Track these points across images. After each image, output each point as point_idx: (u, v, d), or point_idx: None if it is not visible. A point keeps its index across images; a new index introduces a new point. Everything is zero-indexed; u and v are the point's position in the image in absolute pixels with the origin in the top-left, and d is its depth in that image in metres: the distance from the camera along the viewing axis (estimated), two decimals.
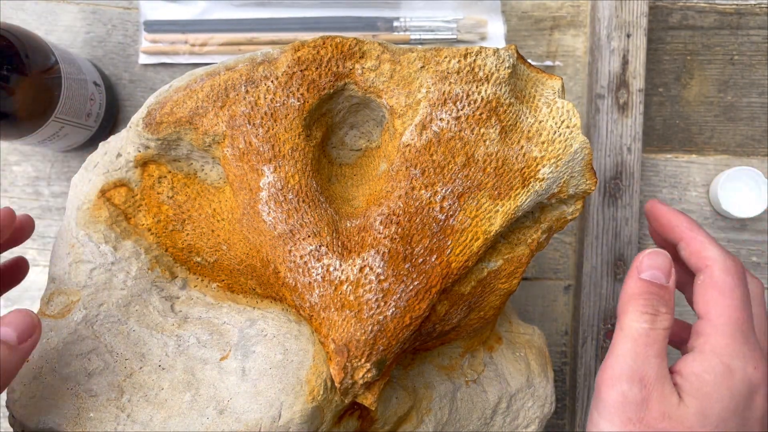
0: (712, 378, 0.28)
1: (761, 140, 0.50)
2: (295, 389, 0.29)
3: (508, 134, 0.30)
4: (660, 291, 0.30)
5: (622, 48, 0.48)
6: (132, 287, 0.32)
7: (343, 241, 0.29)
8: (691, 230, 0.33)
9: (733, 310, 0.29)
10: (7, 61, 0.36)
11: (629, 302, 0.30)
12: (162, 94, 0.31)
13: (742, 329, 0.29)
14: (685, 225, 0.33)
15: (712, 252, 0.31)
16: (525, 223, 0.33)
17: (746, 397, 0.28)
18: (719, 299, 0.30)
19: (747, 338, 0.29)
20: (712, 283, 0.30)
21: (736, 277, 0.30)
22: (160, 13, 0.49)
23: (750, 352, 0.29)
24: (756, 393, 0.28)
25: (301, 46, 0.30)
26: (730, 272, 0.30)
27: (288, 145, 0.30)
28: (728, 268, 0.31)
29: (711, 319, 0.30)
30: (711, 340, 0.29)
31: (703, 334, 0.30)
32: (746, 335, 0.29)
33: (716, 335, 0.29)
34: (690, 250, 0.33)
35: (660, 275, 0.31)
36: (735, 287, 0.30)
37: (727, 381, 0.28)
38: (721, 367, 0.28)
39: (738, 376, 0.28)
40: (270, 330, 0.31)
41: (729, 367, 0.28)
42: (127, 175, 0.33)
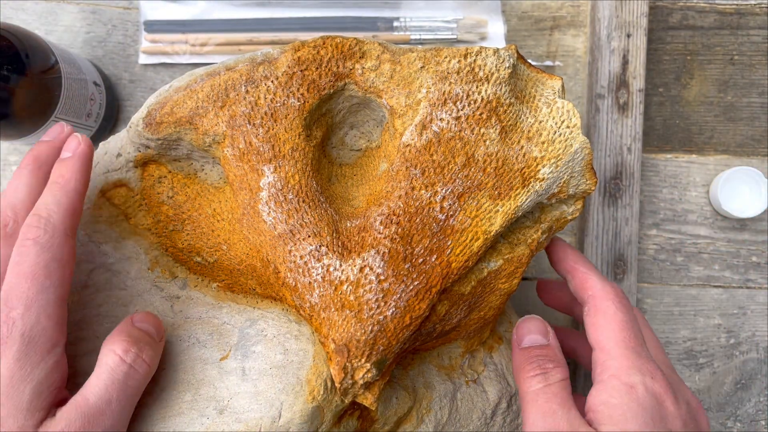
0: (619, 401, 0.28)
1: (761, 140, 0.50)
2: (295, 389, 0.29)
3: (508, 134, 0.30)
4: (542, 351, 0.31)
5: (622, 48, 0.48)
6: (132, 287, 0.32)
7: (343, 241, 0.29)
8: (575, 263, 0.34)
9: (619, 332, 0.30)
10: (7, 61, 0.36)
11: (520, 373, 0.31)
12: (162, 94, 0.31)
13: (631, 346, 0.30)
14: (570, 258, 0.35)
15: (593, 282, 0.33)
16: (525, 223, 0.33)
17: (656, 407, 0.29)
18: (605, 325, 0.31)
19: (638, 354, 0.30)
20: (595, 311, 0.32)
21: (616, 300, 0.31)
22: (160, 13, 0.48)
23: (644, 365, 0.29)
24: (664, 400, 0.29)
25: (301, 46, 0.30)
26: (610, 298, 0.32)
27: (288, 145, 0.30)
28: (608, 294, 0.32)
29: (602, 346, 0.30)
30: (607, 365, 0.30)
31: (599, 362, 0.30)
32: (637, 351, 0.30)
33: (610, 360, 0.30)
34: (575, 282, 0.34)
35: (537, 338, 0.32)
36: (617, 310, 0.31)
37: (633, 398, 0.28)
38: (623, 388, 0.29)
39: (641, 390, 0.29)
40: (270, 330, 0.31)
41: (630, 385, 0.29)
42: (127, 175, 0.33)
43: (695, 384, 0.49)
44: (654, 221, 0.50)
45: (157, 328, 0.30)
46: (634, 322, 0.31)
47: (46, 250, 0.27)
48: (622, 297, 0.32)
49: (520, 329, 0.33)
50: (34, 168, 0.30)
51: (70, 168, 0.29)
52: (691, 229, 0.50)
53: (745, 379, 0.49)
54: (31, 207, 0.28)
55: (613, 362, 0.30)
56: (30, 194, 0.29)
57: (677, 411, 0.29)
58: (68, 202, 0.28)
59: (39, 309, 0.26)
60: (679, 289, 0.50)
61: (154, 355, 0.29)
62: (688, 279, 0.50)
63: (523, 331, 0.32)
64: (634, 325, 0.31)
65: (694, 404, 0.31)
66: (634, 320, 0.31)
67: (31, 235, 0.27)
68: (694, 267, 0.50)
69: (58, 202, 0.28)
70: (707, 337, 0.49)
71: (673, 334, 0.49)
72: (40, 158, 0.30)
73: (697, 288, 0.50)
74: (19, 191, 0.29)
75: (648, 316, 0.49)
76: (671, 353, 0.49)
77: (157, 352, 0.29)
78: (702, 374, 0.49)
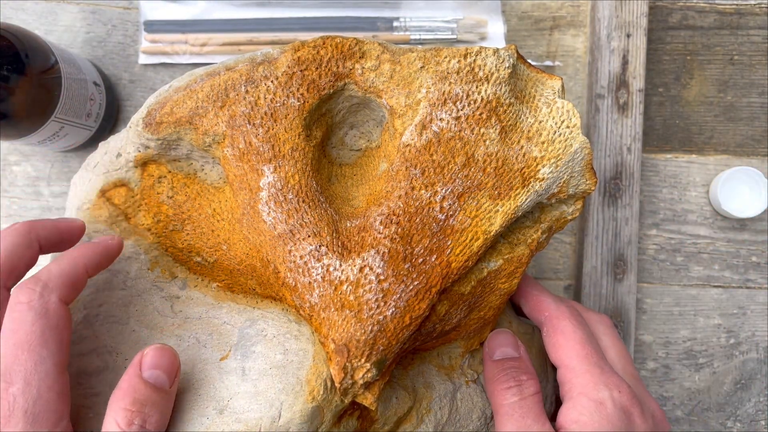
0: (588, 417, 0.29)
1: (761, 140, 0.50)
2: (295, 389, 0.29)
3: (508, 134, 0.30)
4: (515, 362, 0.32)
5: (622, 48, 0.48)
6: (132, 287, 0.32)
7: (343, 241, 0.29)
8: (527, 286, 0.35)
9: (580, 349, 0.31)
10: (7, 61, 0.36)
11: (493, 385, 0.31)
12: (162, 94, 0.31)
13: (594, 362, 0.31)
14: (522, 283, 0.35)
15: (546, 303, 0.33)
16: (525, 223, 0.33)
17: (626, 420, 0.29)
18: (565, 344, 0.31)
19: (602, 368, 0.30)
20: (554, 331, 0.32)
21: (572, 319, 0.32)
22: (160, 13, 0.49)
23: (609, 379, 0.30)
24: (632, 413, 0.30)
25: (301, 46, 0.30)
26: (566, 317, 0.32)
27: (288, 145, 0.30)
28: (563, 314, 0.32)
29: (566, 364, 0.31)
30: (574, 383, 0.30)
31: (565, 381, 0.31)
32: (600, 365, 0.31)
33: (575, 377, 0.30)
34: (529, 306, 0.35)
35: (509, 350, 0.32)
36: (575, 328, 0.32)
37: (602, 414, 0.29)
38: (592, 405, 0.29)
39: (609, 405, 0.29)
40: (270, 330, 0.31)
41: (599, 401, 0.29)
42: (127, 175, 0.33)
43: (695, 384, 0.49)
44: (654, 221, 0.50)
45: (169, 370, 0.28)
46: (592, 338, 0.32)
47: (41, 317, 0.25)
48: (577, 314, 0.33)
49: (491, 342, 0.33)
50: (23, 231, 0.28)
51: (89, 248, 0.29)
52: (691, 229, 0.50)
53: (745, 379, 0.49)
54: (9, 267, 0.27)
55: (579, 379, 0.30)
56: (8, 253, 0.27)
57: (644, 423, 0.30)
58: (72, 273, 0.27)
59: (39, 382, 0.25)
60: (679, 289, 0.50)
61: (163, 415, 0.27)
62: (688, 279, 0.50)
63: (495, 343, 0.33)
64: (592, 339, 0.32)
65: (658, 415, 0.32)
66: (591, 336, 0.32)
67: (24, 298, 0.25)
68: (694, 267, 0.50)
69: (61, 270, 0.27)
70: (707, 337, 0.49)
71: (673, 334, 0.49)
72: (35, 226, 0.28)
73: (697, 288, 0.50)
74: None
75: (648, 316, 0.49)
76: (671, 353, 0.49)
77: (168, 405, 0.28)
78: (702, 374, 0.49)
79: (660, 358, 0.49)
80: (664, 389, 0.49)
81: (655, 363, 0.49)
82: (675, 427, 0.49)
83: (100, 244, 0.29)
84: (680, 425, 0.49)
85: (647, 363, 0.49)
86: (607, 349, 0.33)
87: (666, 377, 0.49)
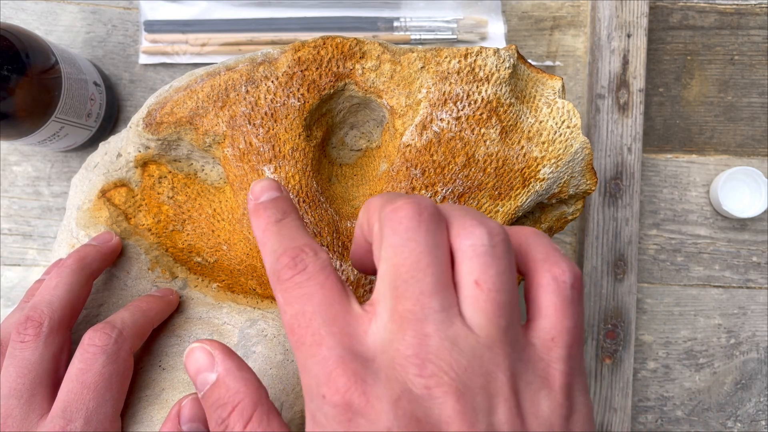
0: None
1: (761, 140, 0.50)
2: (295, 389, 0.29)
3: (509, 134, 0.30)
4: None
5: (623, 48, 0.48)
6: (132, 287, 0.32)
7: (343, 241, 0.29)
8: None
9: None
10: (7, 61, 0.36)
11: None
12: (162, 94, 0.31)
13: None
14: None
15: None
16: (525, 223, 0.33)
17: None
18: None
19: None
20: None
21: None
22: (160, 13, 0.48)
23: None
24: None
25: (301, 47, 0.30)
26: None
27: (288, 146, 0.30)
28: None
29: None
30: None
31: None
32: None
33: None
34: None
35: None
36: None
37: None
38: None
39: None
40: (270, 330, 0.31)
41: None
42: (128, 175, 0.32)
43: (695, 384, 0.49)
44: (654, 221, 0.50)
45: (206, 422, 0.26)
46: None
47: (112, 362, 0.26)
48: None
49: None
50: (76, 268, 0.29)
51: (157, 304, 0.30)
52: (691, 229, 0.50)
53: (746, 379, 0.49)
54: (69, 307, 0.28)
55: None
56: (69, 293, 0.28)
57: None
58: (144, 324, 0.29)
59: (98, 424, 0.25)
60: (679, 289, 0.50)
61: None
62: (688, 279, 0.50)
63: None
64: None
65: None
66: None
67: (100, 342, 0.26)
68: (694, 267, 0.50)
69: (135, 321, 0.28)
70: (707, 337, 0.49)
71: (673, 334, 0.49)
72: (84, 260, 0.29)
73: (697, 288, 0.50)
74: (59, 289, 0.28)
75: (648, 316, 0.49)
76: (671, 353, 0.49)
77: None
78: (702, 374, 0.49)
79: (660, 358, 0.49)
80: (664, 389, 0.49)
81: (655, 363, 0.49)
82: (675, 428, 0.49)
83: (164, 299, 0.31)
84: (680, 425, 0.49)
85: (647, 363, 0.49)
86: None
87: (666, 377, 0.49)
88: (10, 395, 0.26)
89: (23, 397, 0.26)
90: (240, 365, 0.24)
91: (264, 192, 0.25)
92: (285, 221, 0.23)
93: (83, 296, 0.29)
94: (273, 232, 0.23)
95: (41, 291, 0.28)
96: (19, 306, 0.30)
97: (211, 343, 0.24)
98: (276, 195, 0.25)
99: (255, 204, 0.24)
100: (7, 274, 0.48)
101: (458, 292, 0.20)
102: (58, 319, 0.27)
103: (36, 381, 0.26)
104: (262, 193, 0.25)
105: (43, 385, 0.26)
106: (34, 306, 0.27)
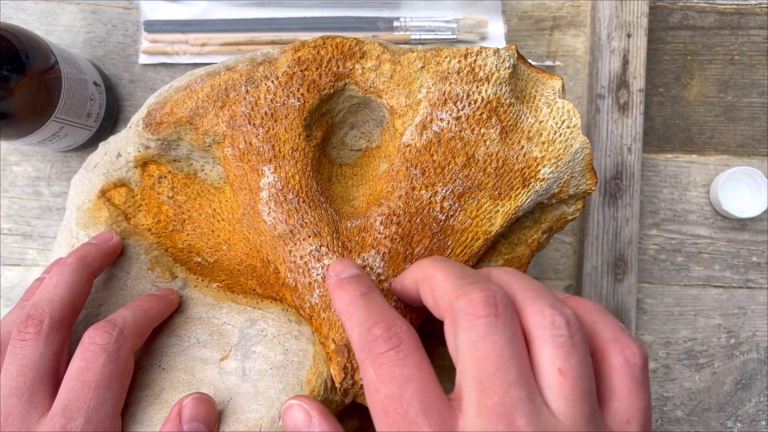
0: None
1: (761, 140, 0.50)
2: (295, 389, 0.29)
3: (509, 134, 0.30)
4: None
5: (623, 48, 0.48)
6: (132, 287, 0.32)
7: (343, 242, 0.29)
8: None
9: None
10: (7, 61, 0.36)
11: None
12: (162, 94, 0.31)
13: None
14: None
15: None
16: (525, 223, 0.33)
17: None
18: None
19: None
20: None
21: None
22: (160, 13, 0.48)
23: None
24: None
25: (301, 47, 0.30)
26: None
27: (288, 145, 0.30)
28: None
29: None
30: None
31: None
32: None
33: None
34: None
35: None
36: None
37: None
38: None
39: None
40: (270, 330, 0.31)
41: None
42: (127, 175, 0.32)
43: (696, 384, 0.49)
44: (654, 221, 0.50)
45: (208, 421, 0.27)
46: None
47: (113, 361, 0.26)
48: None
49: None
50: (77, 267, 0.29)
51: (158, 304, 0.30)
52: (691, 229, 0.50)
53: (746, 379, 0.49)
54: (70, 306, 0.28)
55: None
56: (70, 292, 0.28)
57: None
58: (145, 324, 0.28)
59: (98, 423, 0.25)
60: (679, 289, 0.50)
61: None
62: (688, 279, 0.50)
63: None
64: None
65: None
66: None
67: (101, 340, 0.26)
68: (694, 267, 0.50)
69: (136, 320, 0.28)
70: (707, 337, 0.49)
71: (673, 334, 0.49)
72: (85, 259, 0.29)
73: (697, 288, 0.50)
74: (60, 287, 0.28)
75: (648, 316, 0.49)
76: (671, 353, 0.49)
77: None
78: (702, 374, 0.49)
79: (660, 358, 0.49)
80: (664, 389, 0.49)
81: (655, 363, 0.49)
82: (675, 427, 0.49)
83: (165, 298, 0.31)
84: (680, 425, 0.49)
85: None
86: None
87: (666, 377, 0.49)
88: (10, 394, 0.26)
89: (24, 395, 0.26)
90: (335, 428, 0.25)
91: (346, 269, 0.27)
92: (371, 295, 0.25)
93: (84, 295, 0.29)
94: (360, 305, 0.24)
95: (42, 289, 0.28)
96: (19, 304, 0.30)
97: (310, 402, 0.25)
98: (358, 272, 0.26)
99: (337, 279, 0.26)
100: (7, 274, 0.48)
101: (539, 378, 0.20)
102: (58, 318, 0.27)
103: (36, 380, 0.26)
104: (343, 269, 0.26)
105: (44, 384, 0.26)
106: (35, 304, 0.27)
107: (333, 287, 0.26)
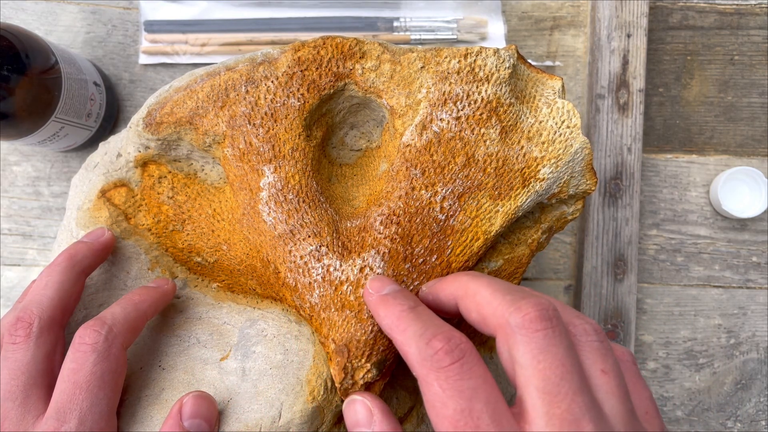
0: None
1: (761, 140, 0.50)
2: (295, 389, 0.29)
3: (509, 134, 0.30)
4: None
5: (623, 48, 0.48)
6: (132, 287, 0.32)
7: (343, 242, 0.29)
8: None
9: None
10: (7, 61, 0.36)
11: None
12: (162, 94, 0.31)
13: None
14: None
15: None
16: (525, 223, 0.33)
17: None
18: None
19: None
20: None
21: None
22: (160, 13, 0.48)
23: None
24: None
25: (301, 47, 0.30)
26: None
27: (288, 145, 0.30)
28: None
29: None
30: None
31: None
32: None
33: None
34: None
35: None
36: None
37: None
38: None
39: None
40: (270, 330, 0.31)
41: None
42: (127, 175, 0.32)
43: (695, 384, 0.49)
44: (654, 221, 0.50)
45: (209, 418, 0.27)
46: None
47: (104, 360, 0.26)
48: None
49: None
50: (66, 267, 0.29)
51: (150, 296, 0.29)
52: (691, 229, 0.50)
53: (746, 379, 0.49)
54: (60, 306, 0.27)
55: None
56: (59, 291, 0.28)
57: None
58: (136, 318, 0.28)
59: (92, 423, 0.25)
60: (679, 289, 0.50)
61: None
62: (688, 279, 0.50)
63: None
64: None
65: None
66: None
67: (90, 339, 0.26)
68: (694, 267, 0.50)
69: (126, 316, 0.28)
70: (707, 337, 0.49)
71: (673, 334, 0.49)
72: (74, 258, 0.29)
73: (697, 288, 0.50)
74: (48, 288, 0.28)
75: (648, 317, 0.49)
76: (671, 353, 0.49)
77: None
78: (702, 374, 0.49)
79: (660, 358, 0.49)
80: (664, 389, 0.49)
81: (655, 363, 0.49)
82: (675, 428, 0.49)
83: (158, 289, 0.30)
84: (680, 425, 0.49)
85: (647, 363, 0.49)
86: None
87: (666, 377, 0.49)
88: (5, 398, 0.25)
89: (18, 399, 0.26)
90: (396, 428, 0.25)
91: (386, 285, 0.26)
92: (420, 308, 0.24)
93: (75, 294, 0.29)
94: (412, 318, 0.24)
95: (31, 291, 0.28)
96: (14, 307, 0.30)
97: (372, 400, 0.25)
98: (399, 288, 0.26)
99: (380, 296, 0.26)
100: (7, 274, 0.48)
101: (588, 382, 0.21)
102: (48, 319, 0.27)
103: (29, 382, 0.26)
104: (383, 286, 0.26)
105: (37, 386, 0.26)
106: (24, 307, 0.27)
107: (376, 304, 0.25)
